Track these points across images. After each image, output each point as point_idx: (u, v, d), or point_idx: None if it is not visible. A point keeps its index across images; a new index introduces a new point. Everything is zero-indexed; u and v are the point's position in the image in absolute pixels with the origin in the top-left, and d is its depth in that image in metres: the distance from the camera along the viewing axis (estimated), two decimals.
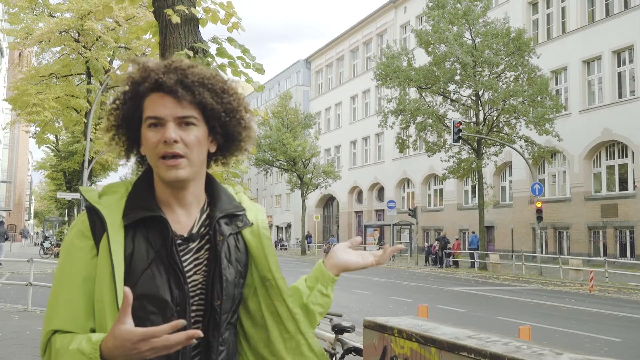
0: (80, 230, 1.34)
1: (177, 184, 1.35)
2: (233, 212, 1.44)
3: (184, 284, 1.33)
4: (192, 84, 1.33)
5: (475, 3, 27.64)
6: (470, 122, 28.82)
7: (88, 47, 25.53)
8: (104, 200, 1.36)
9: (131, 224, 1.32)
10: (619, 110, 27.80)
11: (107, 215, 1.32)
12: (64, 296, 1.29)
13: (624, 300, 16.59)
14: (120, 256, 1.29)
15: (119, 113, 1.38)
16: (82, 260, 1.30)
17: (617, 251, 27.61)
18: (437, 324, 2.97)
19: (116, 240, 1.30)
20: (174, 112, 1.32)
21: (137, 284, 1.28)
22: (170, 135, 1.29)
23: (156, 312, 1.29)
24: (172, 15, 6.66)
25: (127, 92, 1.37)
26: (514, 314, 12.65)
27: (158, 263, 1.31)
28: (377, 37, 49.02)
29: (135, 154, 1.44)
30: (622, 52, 28.49)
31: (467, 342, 2.47)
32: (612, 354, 8.46)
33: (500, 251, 31.99)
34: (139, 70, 1.36)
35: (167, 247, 1.32)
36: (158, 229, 1.34)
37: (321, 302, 1.50)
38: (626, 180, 28.05)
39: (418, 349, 2.72)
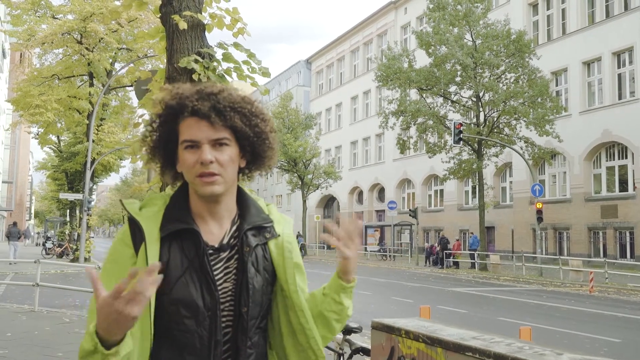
0: (122, 239, 1.48)
1: (212, 198, 1.48)
2: (261, 224, 1.56)
3: (214, 291, 1.44)
4: (224, 109, 1.46)
5: (475, 5, 27.76)
6: (471, 123, 28.93)
7: (90, 48, 25.62)
8: (143, 212, 1.49)
9: (167, 235, 1.46)
10: (619, 112, 27.91)
11: (146, 226, 1.46)
12: None
13: (623, 301, 16.70)
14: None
15: (155, 135, 1.51)
16: (123, 265, 1.44)
17: (617, 252, 27.72)
18: (442, 326, 3.08)
19: (153, 250, 1.43)
20: (209, 136, 1.45)
21: (172, 290, 1.42)
22: (206, 157, 1.43)
23: (189, 316, 1.42)
24: (179, 21, 6.79)
25: (162, 116, 1.50)
26: (515, 314, 12.76)
27: (192, 271, 1.44)
28: (377, 37, 49.13)
29: (170, 171, 1.56)
30: (622, 53, 28.60)
31: (472, 342, 2.58)
32: (612, 354, 8.57)
33: (500, 252, 32.10)
34: (173, 97, 1.49)
35: (200, 257, 1.45)
36: (192, 240, 1.46)
37: (335, 310, 1.59)
38: (626, 181, 28.16)
39: (425, 349, 2.83)
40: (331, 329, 1.61)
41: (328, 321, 1.59)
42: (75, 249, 27.06)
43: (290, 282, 1.53)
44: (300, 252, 1.63)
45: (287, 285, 1.53)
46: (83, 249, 24.73)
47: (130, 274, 1.19)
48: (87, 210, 25.26)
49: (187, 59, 6.83)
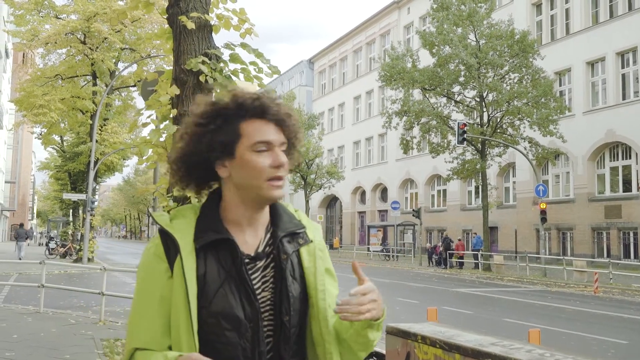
0: (155, 253, 1.44)
1: (264, 204, 1.48)
2: (294, 230, 1.53)
3: (254, 301, 1.41)
4: (286, 115, 1.49)
5: (479, 5, 27.71)
6: (474, 124, 28.88)
7: (94, 48, 25.62)
8: (175, 224, 1.44)
9: (202, 247, 1.42)
10: (623, 112, 27.85)
11: (180, 238, 1.42)
12: (144, 315, 1.41)
13: (628, 302, 16.66)
14: (193, 277, 1.38)
15: (205, 138, 1.45)
16: (158, 281, 1.41)
17: (621, 252, 27.66)
18: (459, 331, 3.05)
19: (189, 263, 1.39)
20: (279, 138, 1.46)
21: (212, 303, 1.39)
22: (283, 159, 1.44)
23: (230, 328, 1.38)
24: (187, 22, 6.77)
25: (219, 118, 1.45)
26: (521, 315, 12.73)
27: (230, 282, 1.40)
28: (380, 37, 49.08)
29: (204, 175, 1.50)
30: (625, 53, 28.54)
31: (491, 349, 2.56)
32: (619, 356, 8.54)
33: (503, 252, 32.06)
34: (233, 98, 1.46)
35: (237, 267, 1.42)
36: (227, 250, 1.43)
37: (360, 342, 1.51)
38: (630, 181, 28.10)
39: (442, 355, 2.80)
40: (356, 357, 1.56)
41: (353, 351, 1.54)
42: (79, 249, 27.06)
43: (320, 289, 1.50)
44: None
45: (315, 292, 1.49)
46: (87, 249, 24.74)
47: None
48: (91, 210, 25.27)
49: (194, 61, 6.81)
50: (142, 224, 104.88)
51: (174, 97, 6.92)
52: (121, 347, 7.92)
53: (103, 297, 10.14)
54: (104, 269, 10.81)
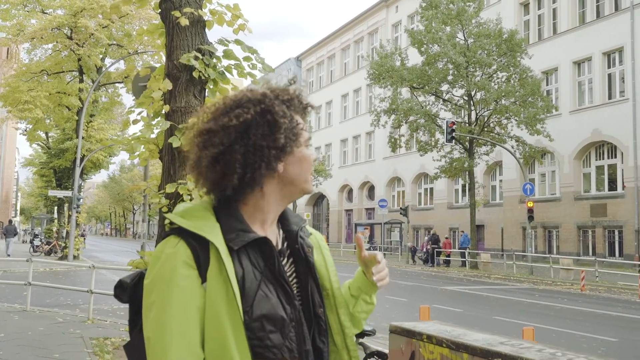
0: (183, 260, 1.30)
1: (296, 198, 1.49)
2: (301, 224, 1.53)
3: (293, 299, 1.37)
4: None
5: (468, 4, 27.79)
6: (462, 122, 28.99)
7: (81, 44, 25.34)
8: (202, 227, 1.34)
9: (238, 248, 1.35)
10: (609, 111, 28.08)
11: (215, 241, 1.32)
12: (179, 328, 1.26)
13: (615, 299, 16.80)
14: (235, 281, 1.30)
15: (282, 126, 1.39)
16: (192, 289, 1.29)
17: (606, 250, 27.90)
18: (465, 330, 3.03)
19: (230, 266, 1.31)
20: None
21: (253, 306, 1.30)
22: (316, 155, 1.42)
23: (274, 330, 1.31)
24: (180, 18, 6.69)
25: (285, 110, 1.41)
26: (510, 313, 12.78)
27: (267, 282, 1.34)
28: (368, 36, 49.10)
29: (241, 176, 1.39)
30: (612, 53, 28.77)
31: (501, 348, 2.53)
32: (609, 354, 8.59)
33: (490, 250, 32.22)
34: (297, 91, 1.48)
35: (274, 265, 1.36)
36: (258, 250, 1.37)
37: (365, 310, 1.58)
38: (615, 180, 28.35)
39: (449, 354, 2.77)
40: (359, 327, 1.60)
41: (358, 321, 1.58)
42: (64, 246, 26.80)
43: (334, 280, 1.51)
44: None
45: (331, 284, 1.50)
46: (72, 247, 24.50)
47: None
48: (77, 207, 25.02)
49: (187, 56, 6.75)
50: (127, 221, 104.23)
51: (166, 93, 6.85)
52: (111, 346, 7.83)
53: (92, 295, 10.03)
54: (93, 267, 10.69)
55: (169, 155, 6.69)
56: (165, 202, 6.64)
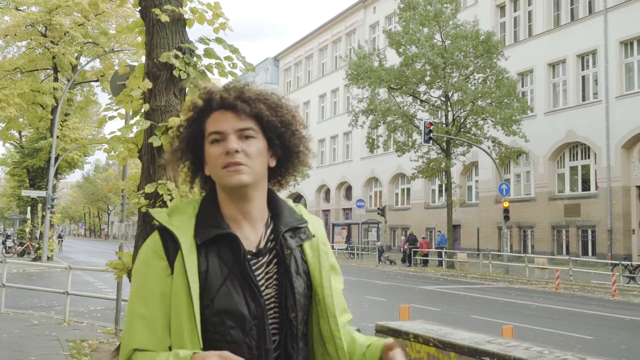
0: (154, 250, 1.39)
1: (241, 192, 1.41)
2: (296, 225, 1.49)
3: (259, 297, 1.37)
4: (249, 98, 1.43)
5: (445, 5, 28.01)
6: (440, 123, 29.21)
7: (55, 42, 24.95)
8: (174, 221, 1.41)
9: (203, 243, 1.38)
10: (583, 113, 28.53)
11: (180, 235, 1.38)
12: (143, 315, 1.34)
13: (589, 298, 17.06)
14: (195, 275, 1.34)
15: (183, 137, 1.46)
16: (158, 278, 1.36)
17: (580, 250, 28.35)
18: (451, 329, 3.04)
19: (190, 260, 1.35)
20: (234, 125, 1.40)
21: (214, 300, 1.34)
22: (232, 145, 1.38)
23: (235, 326, 1.33)
24: (161, 15, 6.63)
25: (191, 118, 1.46)
26: (487, 312, 12.90)
27: (232, 279, 1.36)
28: (346, 36, 49.21)
29: (199, 177, 1.50)
30: (585, 55, 29.23)
31: (488, 347, 2.54)
32: (585, 351, 8.71)
33: (466, 250, 32.52)
34: (201, 95, 1.46)
35: (240, 263, 1.37)
36: (229, 246, 1.39)
37: None
38: (588, 180, 28.82)
39: (436, 353, 2.78)
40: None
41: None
42: (38, 247, 26.37)
43: (326, 285, 1.46)
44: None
45: (322, 289, 1.45)
46: (46, 248, 24.13)
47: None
48: (51, 207, 24.65)
49: (167, 54, 6.70)
50: (102, 222, 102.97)
51: (146, 91, 6.78)
52: (88, 348, 7.73)
53: (68, 297, 9.88)
54: (69, 268, 10.53)
55: (148, 154, 6.63)
56: (144, 202, 6.58)
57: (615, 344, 9.55)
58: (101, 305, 12.35)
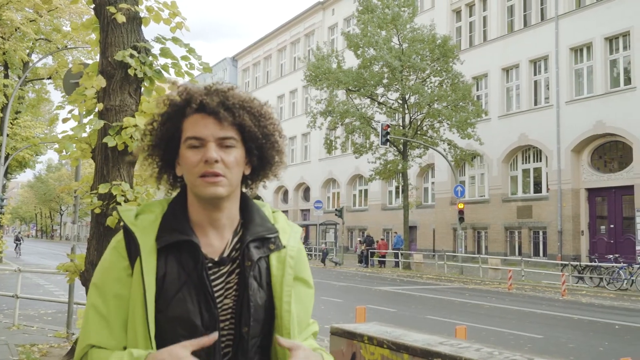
0: (116, 248, 1.38)
1: (214, 202, 1.37)
2: (264, 235, 1.43)
3: (213, 309, 1.33)
4: (233, 106, 1.38)
5: (402, 9, 28.33)
6: (397, 125, 29.53)
7: (6, 37, 24.19)
8: (139, 221, 1.38)
9: (164, 247, 1.35)
10: (534, 117, 29.25)
11: (141, 237, 1.35)
12: (99, 312, 1.34)
13: (539, 297, 17.50)
14: (152, 279, 1.31)
15: (156, 133, 1.41)
16: (117, 278, 1.35)
17: (531, 250, 29.06)
18: (405, 331, 3.08)
19: (148, 263, 1.32)
20: (215, 133, 1.35)
21: (169, 307, 1.31)
22: (212, 155, 1.33)
23: (186, 335, 1.30)
24: (116, 14, 6.51)
25: (166, 114, 1.41)
26: (442, 312, 13.11)
27: (190, 286, 1.33)
28: (305, 37, 49.26)
29: (168, 175, 1.46)
30: (538, 61, 29.99)
31: (440, 348, 2.59)
32: (535, 350, 8.94)
33: (422, 251, 32.95)
34: (180, 93, 1.40)
35: (198, 271, 1.34)
36: (190, 253, 1.35)
37: None
38: (540, 183, 29.57)
39: (390, 355, 2.81)
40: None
41: None
42: None
43: (285, 300, 1.40)
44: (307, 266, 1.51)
45: (280, 303, 1.39)
46: None
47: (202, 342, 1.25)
48: (0, 208, 23.90)
49: (122, 53, 6.59)
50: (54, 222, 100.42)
51: (100, 90, 6.65)
52: (38, 352, 7.53)
53: (17, 300, 9.60)
54: (19, 270, 10.24)
55: (102, 154, 6.50)
56: (97, 203, 6.45)
57: (563, 343, 9.83)
58: (52, 309, 12.05)
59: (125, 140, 6.26)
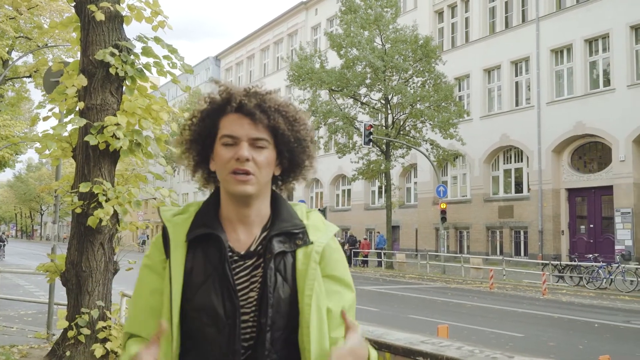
0: (154, 244, 1.52)
1: (243, 199, 1.46)
2: (290, 229, 1.48)
3: (235, 299, 1.41)
4: (269, 109, 1.46)
5: (385, 10, 28.42)
6: (380, 125, 29.63)
7: None
8: (175, 219, 1.50)
9: (194, 241, 1.46)
10: (516, 117, 29.52)
11: (172, 232, 1.48)
12: (137, 303, 1.50)
13: (520, 297, 17.67)
14: (179, 270, 1.43)
15: (195, 129, 1.51)
16: (153, 271, 1.49)
17: (512, 250, 29.33)
18: (386, 329, 3.09)
19: (177, 255, 1.44)
20: (250, 134, 1.44)
21: (195, 296, 1.42)
22: (243, 153, 1.41)
23: (210, 324, 1.41)
24: (96, 12, 6.46)
25: (205, 111, 1.50)
26: (424, 312, 13.18)
27: (214, 278, 1.42)
28: (288, 37, 49.22)
29: (203, 170, 1.55)
30: (519, 62, 30.26)
31: (422, 347, 2.61)
32: (516, 349, 9.03)
33: (405, 250, 33.09)
34: (220, 92, 1.50)
35: (222, 263, 1.43)
36: (216, 246, 1.45)
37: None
38: (521, 183, 29.85)
39: None
40: None
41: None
42: None
43: (306, 294, 1.43)
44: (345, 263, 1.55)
45: (302, 297, 1.43)
46: None
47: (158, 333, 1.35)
48: None
49: (103, 52, 6.54)
50: (35, 222, 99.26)
51: (81, 89, 6.59)
52: (18, 354, 7.45)
53: None
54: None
55: (83, 154, 6.45)
56: (78, 202, 6.39)
57: (544, 341, 9.94)
58: (32, 309, 11.92)
59: (107, 139, 6.21)
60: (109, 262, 6.39)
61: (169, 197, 6.96)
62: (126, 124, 6.26)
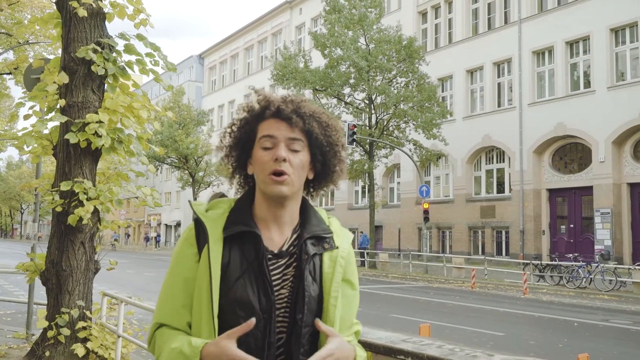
0: (187, 238, 1.57)
1: (279, 199, 1.55)
2: (320, 234, 1.60)
3: (271, 294, 1.49)
4: (304, 114, 1.58)
5: (369, 10, 28.48)
6: (363, 125, 29.69)
7: None
8: (209, 214, 1.58)
9: (229, 237, 1.53)
10: (498, 118, 29.76)
11: (210, 227, 1.54)
12: (169, 294, 1.55)
13: (502, 296, 17.82)
14: (218, 265, 1.50)
15: (235, 135, 1.62)
16: (186, 263, 1.55)
17: (494, 249, 29.56)
18: (368, 328, 3.10)
19: (215, 250, 1.51)
20: (286, 134, 1.55)
21: (230, 290, 1.49)
22: (281, 153, 1.52)
23: (245, 317, 1.46)
24: (78, 8, 6.40)
25: (244, 119, 1.62)
26: (407, 311, 13.23)
27: (250, 273, 1.50)
28: (272, 36, 49.13)
29: (240, 174, 1.65)
30: (501, 63, 30.51)
31: (403, 345, 2.62)
32: (497, 347, 9.10)
33: (388, 250, 33.20)
34: (259, 100, 1.62)
35: (259, 260, 1.51)
36: (252, 243, 1.53)
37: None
38: (503, 183, 30.10)
39: None
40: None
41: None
42: None
43: (333, 295, 1.56)
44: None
45: (328, 297, 1.55)
46: None
47: (247, 326, 1.39)
48: None
49: (85, 49, 6.48)
50: (15, 221, 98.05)
51: (62, 86, 6.52)
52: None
53: None
54: None
55: (64, 152, 6.38)
56: (59, 201, 6.33)
57: (525, 340, 10.03)
58: (12, 309, 11.79)
59: (89, 137, 6.15)
60: (89, 261, 6.33)
61: (151, 195, 6.92)
62: (108, 121, 6.19)
